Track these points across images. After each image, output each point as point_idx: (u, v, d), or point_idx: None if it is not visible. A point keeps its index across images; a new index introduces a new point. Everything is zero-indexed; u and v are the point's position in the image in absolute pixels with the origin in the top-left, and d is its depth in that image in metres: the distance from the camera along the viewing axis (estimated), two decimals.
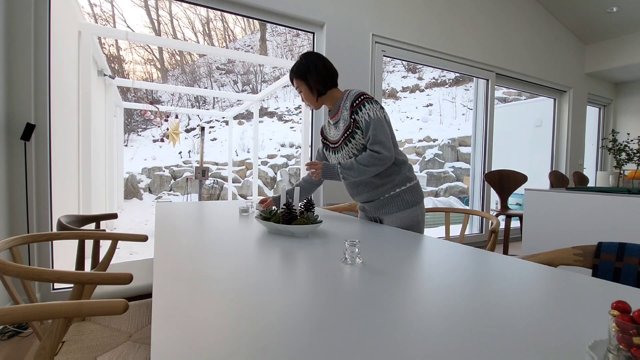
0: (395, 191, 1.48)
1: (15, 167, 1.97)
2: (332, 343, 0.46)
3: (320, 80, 1.49)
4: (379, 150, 1.37)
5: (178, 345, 0.44)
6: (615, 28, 4.90)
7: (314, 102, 1.53)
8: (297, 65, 1.50)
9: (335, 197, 3.02)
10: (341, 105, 1.50)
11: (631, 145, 2.81)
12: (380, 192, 1.50)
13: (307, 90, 1.50)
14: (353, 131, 1.44)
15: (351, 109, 1.43)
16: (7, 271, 0.83)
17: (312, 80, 1.48)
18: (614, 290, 0.69)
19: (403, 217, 1.47)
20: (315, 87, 1.48)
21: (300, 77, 1.50)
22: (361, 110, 1.40)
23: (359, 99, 1.42)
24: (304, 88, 1.51)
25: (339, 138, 1.51)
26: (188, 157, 14.63)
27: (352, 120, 1.43)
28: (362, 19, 3.12)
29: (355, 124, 1.43)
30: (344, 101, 1.48)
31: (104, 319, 1.08)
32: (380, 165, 1.39)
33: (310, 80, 1.48)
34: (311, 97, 1.51)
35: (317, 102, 1.53)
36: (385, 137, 1.38)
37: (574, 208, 2.42)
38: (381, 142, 1.37)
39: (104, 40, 16.86)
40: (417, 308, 0.58)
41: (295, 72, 1.51)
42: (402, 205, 1.48)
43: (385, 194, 1.49)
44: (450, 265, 0.85)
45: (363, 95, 1.43)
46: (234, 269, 0.77)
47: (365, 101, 1.41)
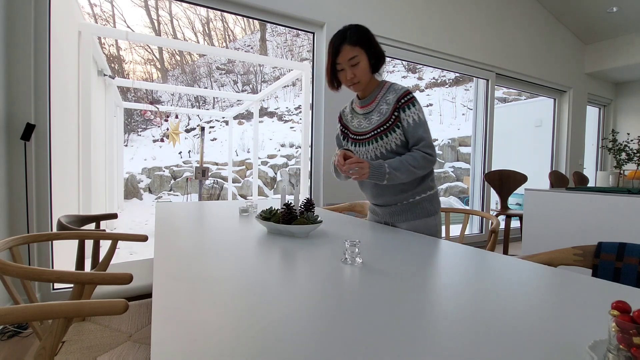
0: (415, 198, 1.38)
1: (15, 167, 1.97)
2: (332, 343, 0.46)
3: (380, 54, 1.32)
4: (431, 153, 1.29)
5: (178, 345, 0.44)
6: (615, 28, 4.90)
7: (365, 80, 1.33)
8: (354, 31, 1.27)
9: (335, 197, 3.02)
10: (379, 95, 1.35)
11: (631, 145, 2.81)
12: (402, 197, 1.39)
13: (367, 62, 1.29)
14: (391, 128, 1.31)
15: (396, 105, 1.29)
16: (7, 271, 0.83)
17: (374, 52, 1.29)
18: (614, 290, 0.69)
19: (420, 226, 1.37)
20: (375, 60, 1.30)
21: (362, 45, 1.27)
22: (409, 109, 1.29)
23: (409, 97, 1.30)
24: (363, 59, 1.28)
25: (369, 131, 1.36)
26: (188, 157, 14.63)
27: (394, 117, 1.30)
28: (362, 19, 3.12)
29: (396, 122, 1.30)
30: (385, 93, 1.34)
31: (104, 319, 1.08)
32: (429, 168, 1.31)
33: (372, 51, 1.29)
34: (367, 73, 1.31)
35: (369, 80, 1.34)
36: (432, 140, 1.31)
37: (574, 208, 2.42)
38: (432, 145, 1.29)
39: (104, 40, 16.87)
40: (417, 308, 0.58)
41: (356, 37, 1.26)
42: (421, 213, 1.38)
43: (405, 200, 1.39)
44: (450, 265, 0.85)
45: (412, 94, 1.31)
46: (234, 269, 0.77)
47: (414, 100, 1.30)
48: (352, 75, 1.30)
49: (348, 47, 1.26)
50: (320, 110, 3.04)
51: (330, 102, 3.01)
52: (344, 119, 1.51)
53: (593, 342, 0.43)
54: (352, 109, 1.48)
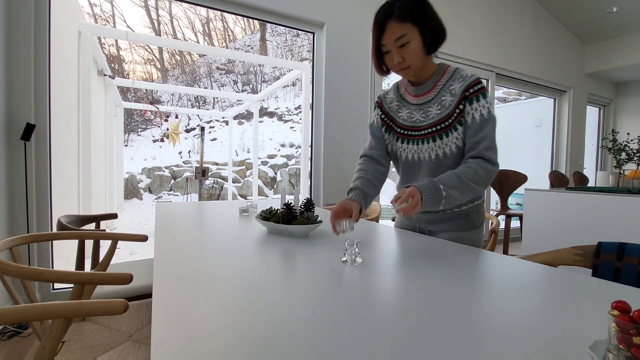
0: (462, 208, 1.17)
1: (15, 167, 1.97)
2: (332, 343, 0.46)
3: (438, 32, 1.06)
4: (493, 160, 1.03)
5: (178, 345, 0.44)
6: (615, 28, 4.90)
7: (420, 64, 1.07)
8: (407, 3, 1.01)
9: (335, 197, 3.02)
10: (441, 83, 1.11)
11: (631, 145, 2.81)
12: None
13: (419, 42, 1.03)
14: (454, 125, 1.07)
15: (463, 95, 1.05)
16: (7, 271, 0.83)
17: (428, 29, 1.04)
18: (614, 290, 0.69)
19: (463, 240, 1.16)
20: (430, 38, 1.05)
21: (413, 20, 1.01)
22: (478, 101, 1.04)
23: (479, 86, 1.05)
24: (415, 38, 1.02)
25: (426, 126, 1.12)
26: (188, 157, 14.63)
27: (458, 112, 1.06)
28: (362, 19, 3.12)
29: (460, 116, 1.07)
30: (449, 80, 1.10)
31: (104, 319, 1.08)
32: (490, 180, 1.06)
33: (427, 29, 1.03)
34: (419, 55, 1.05)
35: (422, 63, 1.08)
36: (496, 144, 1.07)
37: (574, 208, 2.41)
38: (496, 149, 1.05)
39: (104, 40, 16.86)
40: (417, 308, 0.58)
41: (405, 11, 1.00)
42: (467, 225, 1.19)
43: (450, 208, 1.17)
44: (450, 265, 0.85)
45: (481, 83, 1.06)
46: (234, 268, 0.77)
47: (484, 91, 1.06)
48: (399, 58, 1.04)
49: (395, 23, 1.00)
50: (320, 110, 3.04)
51: (330, 102, 3.01)
52: (386, 107, 1.25)
53: (593, 342, 0.43)
54: (399, 95, 1.21)
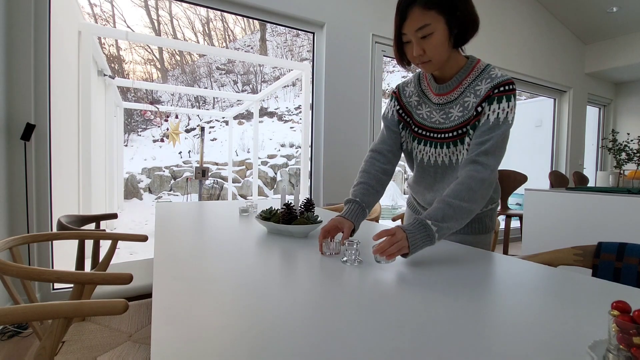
0: None
1: (15, 167, 1.97)
2: (332, 342, 0.46)
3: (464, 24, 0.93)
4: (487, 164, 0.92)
5: (178, 345, 0.44)
6: (615, 28, 4.90)
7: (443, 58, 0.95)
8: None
9: (335, 197, 3.02)
10: (466, 81, 1.00)
11: (631, 145, 2.81)
12: None
13: (444, 33, 0.91)
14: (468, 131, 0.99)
15: (488, 94, 0.94)
16: (7, 271, 0.83)
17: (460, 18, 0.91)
18: (614, 290, 0.69)
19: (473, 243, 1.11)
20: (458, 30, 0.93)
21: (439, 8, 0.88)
22: (500, 102, 0.93)
23: (506, 88, 0.94)
24: (439, 28, 0.90)
25: (447, 130, 1.03)
26: (188, 157, 14.63)
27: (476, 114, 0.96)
28: (362, 19, 3.12)
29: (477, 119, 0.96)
30: (476, 78, 0.99)
31: (104, 319, 1.08)
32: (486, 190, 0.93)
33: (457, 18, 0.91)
34: (443, 48, 0.93)
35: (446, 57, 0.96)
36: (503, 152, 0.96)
37: (574, 208, 2.41)
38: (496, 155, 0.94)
39: (104, 40, 16.86)
40: (417, 308, 0.58)
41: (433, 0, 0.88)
42: (479, 229, 1.13)
43: None
44: (449, 265, 0.84)
45: (513, 85, 0.95)
46: (234, 269, 0.77)
47: (513, 94, 0.94)
48: (420, 51, 0.92)
49: (418, 10, 0.89)
50: (320, 110, 3.04)
51: (330, 102, 3.01)
52: (404, 100, 1.14)
53: (593, 342, 0.43)
54: (420, 90, 1.11)
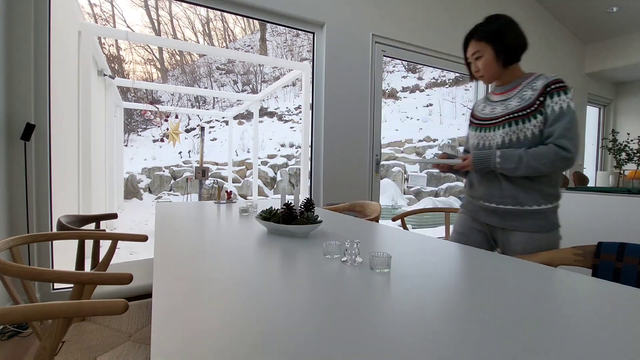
0: (540, 206, 1.20)
1: (15, 167, 1.97)
2: (332, 342, 0.46)
3: (513, 48, 1.24)
4: (567, 147, 1.11)
5: (178, 345, 0.44)
6: (615, 28, 4.90)
7: (494, 73, 1.28)
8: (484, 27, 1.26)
9: (335, 197, 3.02)
10: (524, 83, 1.26)
11: (631, 145, 2.81)
12: (522, 199, 1.20)
13: (492, 57, 1.24)
14: (532, 113, 1.18)
15: (544, 90, 1.17)
16: (7, 271, 0.83)
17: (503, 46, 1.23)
18: (614, 290, 0.69)
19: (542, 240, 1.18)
20: (503, 54, 1.24)
21: (488, 39, 1.24)
22: (559, 96, 1.15)
23: (560, 84, 1.17)
24: (487, 53, 1.25)
25: (501, 115, 1.26)
26: (188, 157, 14.63)
27: (538, 103, 1.17)
28: (362, 19, 3.12)
29: (539, 108, 1.17)
30: (532, 80, 1.24)
31: (104, 319, 1.08)
32: (560, 166, 1.13)
33: (501, 46, 1.23)
34: (494, 67, 1.26)
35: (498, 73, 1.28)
36: (578, 136, 1.14)
37: (574, 208, 2.41)
38: (573, 139, 1.12)
39: (104, 40, 16.86)
40: (417, 307, 0.58)
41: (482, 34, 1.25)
42: (544, 225, 1.19)
43: (526, 205, 1.20)
44: (449, 265, 0.85)
45: (564, 82, 1.18)
46: (234, 269, 0.77)
47: (566, 88, 1.17)
48: (476, 68, 1.31)
49: (474, 42, 1.28)
50: (320, 110, 3.04)
51: (330, 102, 3.01)
52: (475, 110, 1.44)
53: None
54: (486, 98, 1.42)
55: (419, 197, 11.36)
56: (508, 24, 1.25)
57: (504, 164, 1.18)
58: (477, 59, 1.28)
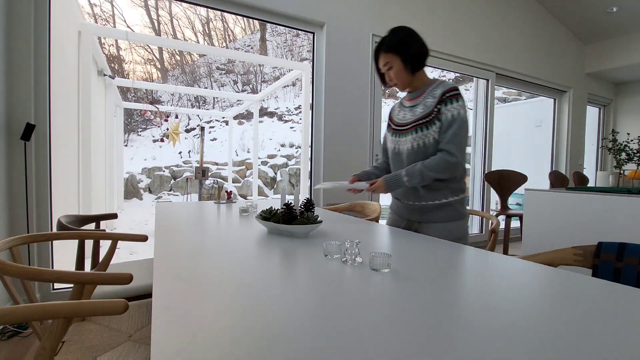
0: (448, 199, 1.38)
1: (15, 167, 1.97)
2: (332, 342, 0.46)
3: (418, 55, 1.38)
4: (452, 152, 1.28)
5: (178, 345, 0.44)
6: (615, 28, 4.89)
7: (405, 81, 1.41)
8: (390, 39, 1.37)
9: (335, 197, 3.02)
10: (428, 90, 1.40)
11: (631, 145, 2.81)
12: (431, 196, 1.39)
13: (401, 66, 1.37)
14: (431, 121, 1.34)
15: (440, 98, 1.32)
16: (7, 271, 0.83)
17: (409, 54, 1.36)
18: (614, 290, 0.69)
19: (452, 229, 1.37)
20: (411, 62, 1.37)
21: (394, 51, 1.36)
22: (452, 103, 1.31)
23: (454, 92, 1.32)
24: (396, 63, 1.37)
25: (411, 122, 1.41)
26: (188, 157, 14.63)
27: (436, 110, 1.33)
28: (362, 19, 3.12)
29: (437, 115, 1.33)
30: (433, 88, 1.38)
31: (104, 319, 1.08)
32: (448, 171, 1.31)
33: (407, 55, 1.36)
34: (404, 74, 1.39)
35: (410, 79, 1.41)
36: (464, 141, 1.31)
37: (574, 208, 2.41)
38: (459, 143, 1.29)
39: (104, 40, 16.85)
40: (417, 307, 0.58)
41: (389, 46, 1.37)
42: (453, 215, 1.38)
43: (435, 200, 1.39)
44: (449, 265, 0.85)
45: (458, 90, 1.33)
46: (234, 269, 0.77)
47: (459, 96, 1.32)
48: (389, 78, 1.43)
49: (382, 54, 1.40)
50: (320, 110, 3.04)
51: (330, 102, 3.01)
52: (392, 113, 1.57)
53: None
54: (400, 103, 1.55)
55: None
56: (410, 34, 1.38)
57: (411, 181, 1.34)
58: (389, 69, 1.40)
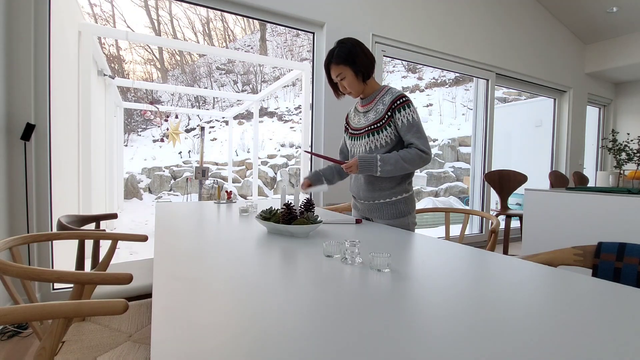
0: (391, 199, 1.51)
1: (15, 167, 1.97)
2: (332, 343, 0.46)
3: (367, 65, 1.47)
4: (425, 150, 1.40)
5: (178, 345, 0.44)
6: (615, 28, 4.89)
7: (358, 89, 1.50)
8: (339, 51, 1.44)
9: (335, 197, 3.02)
10: (378, 97, 1.51)
11: (631, 145, 2.81)
12: (378, 195, 1.53)
13: (353, 76, 1.46)
14: (383, 126, 1.46)
15: (390, 105, 1.44)
16: (7, 271, 0.83)
17: (359, 64, 1.44)
18: (614, 290, 0.69)
19: (397, 225, 1.50)
20: (362, 72, 1.46)
21: (345, 62, 1.44)
22: (404, 110, 1.42)
23: (403, 99, 1.43)
24: (348, 74, 1.46)
25: (364, 127, 1.52)
26: (188, 157, 14.63)
27: (387, 116, 1.45)
28: (362, 19, 3.12)
29: (389, 121, 1.45)
30: (383, 95, 1.49)
31: (104, 319, 1.08)
32: (421, 164, 1.42)
33: (357, 65, 1.44)
34: (357, 83, 1.48)
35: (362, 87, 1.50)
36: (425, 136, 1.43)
37: (574, 208, 2.41)
38: (427, 143, 1.41)
39: (104, 40, 16.85)
40: (417, 308, 0.58)
41: (339, 58, 1.44)
42: (395, 213, 1.52)
43: (381, 199, 1.52)
44: (450, 265, 0.85)
45: (406, 97, 1.45)
46: (234, 269, 0.77)
47: (408, 102, 1.44)
48: (342, 87, 1.52)
49: (334, 66, 1.46)
50: (320, 110, 3.04)
51: (330, 102, 3.01)
52: (349, 117, 1.69)
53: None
54: (355, 107, 1.66)
55: (419, 197, 11.36)
56: (357, 45, 1.46)
57: (384, 167, 1.41)
58: (342, 79, 1.48)
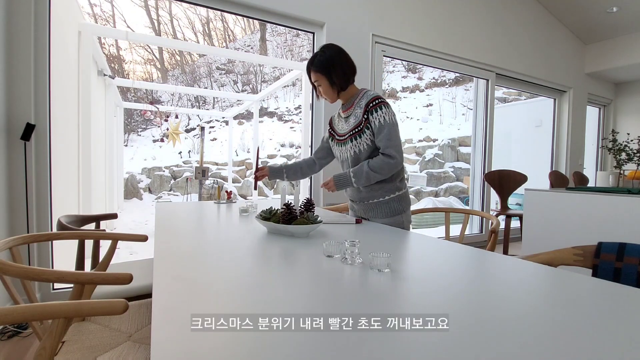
0: (384, 198, 1.53)
1: (15, 167, 1.97)
2: (332, 343, 0.46)
3: (344, 75, 1.48)
4: (392, 155, 1.41)
5: (178, 345, 0.44)
6: (615, 28, 4.89)
7: (332, 97, 1.53)
8: (319, 58, 1.46)
9: (335, 197, 3.02)
10: (356, 102, 1.52)
11: (631, 145, 2.81)
12: (371, 195, 1.54)
13: (328, 85, 1.48)
14: (362, 130, 1.47)
15: (365, 108, 1.45)
16: (7, 271, 0.83)
17: (335, 76, 1.47)
18: (614, 290, 0.69)
19: (391, 223, 1.52)
20: (337, 82, 1.48)
21: (322, 72, 1.46)
22: (377, 112, 1.43)
23: (376, 101, 1.44)
24: (324, 82, 1.48)
25: (346, 132, 1.54)
26: (188, 157, 14.63)
27: (364, 119, 1.46)
28: (362, 19, 3.12)
29: (366, 124, 1.46)
30: (360, 99, 1.50)
31: (104, 319, 1.08)
32: (390, 170, 1.44)
33: (333, 76, 1.46)
34: (331, 93, 1.51)
35: (336, 97, 1.54)
36: (399, 141, 1.44)
37: (574, 208, 2.41)
38: (395, 146, 1.42)
39: (104, 40, 16.84)
40: (417, 308, 0.58)
41: (317, 66, 1.46)
42: (389, 212, 1.53)
43: (374, 199, 1.54)
44: (450, 265, 0.85)
45: (380, 99, 1.45)
46: (234, 269, 0.77)
47: (381, 104, 1.44)
48: (319, 92, 1.55)
49: (312, 72, 1.49)
50: (320, 110, 3.04)
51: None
52: (333, 123, 1.69)
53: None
54: (338, 113, 1.66)
55: (419, 197, 11.36)
56: (336, 55, 1.47)
57: (358, 182, 1.47)
58: (319, 86, 1.51)
